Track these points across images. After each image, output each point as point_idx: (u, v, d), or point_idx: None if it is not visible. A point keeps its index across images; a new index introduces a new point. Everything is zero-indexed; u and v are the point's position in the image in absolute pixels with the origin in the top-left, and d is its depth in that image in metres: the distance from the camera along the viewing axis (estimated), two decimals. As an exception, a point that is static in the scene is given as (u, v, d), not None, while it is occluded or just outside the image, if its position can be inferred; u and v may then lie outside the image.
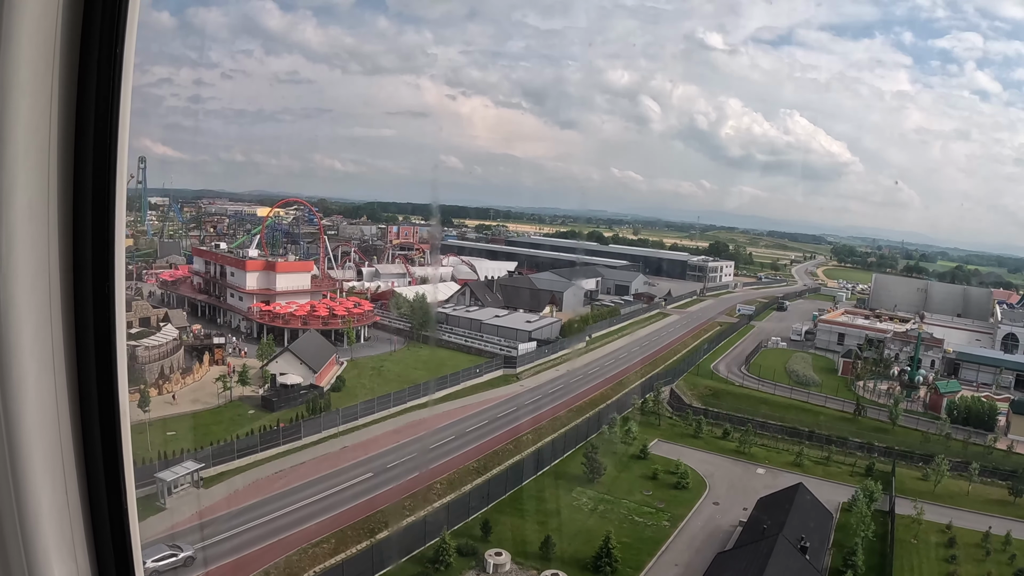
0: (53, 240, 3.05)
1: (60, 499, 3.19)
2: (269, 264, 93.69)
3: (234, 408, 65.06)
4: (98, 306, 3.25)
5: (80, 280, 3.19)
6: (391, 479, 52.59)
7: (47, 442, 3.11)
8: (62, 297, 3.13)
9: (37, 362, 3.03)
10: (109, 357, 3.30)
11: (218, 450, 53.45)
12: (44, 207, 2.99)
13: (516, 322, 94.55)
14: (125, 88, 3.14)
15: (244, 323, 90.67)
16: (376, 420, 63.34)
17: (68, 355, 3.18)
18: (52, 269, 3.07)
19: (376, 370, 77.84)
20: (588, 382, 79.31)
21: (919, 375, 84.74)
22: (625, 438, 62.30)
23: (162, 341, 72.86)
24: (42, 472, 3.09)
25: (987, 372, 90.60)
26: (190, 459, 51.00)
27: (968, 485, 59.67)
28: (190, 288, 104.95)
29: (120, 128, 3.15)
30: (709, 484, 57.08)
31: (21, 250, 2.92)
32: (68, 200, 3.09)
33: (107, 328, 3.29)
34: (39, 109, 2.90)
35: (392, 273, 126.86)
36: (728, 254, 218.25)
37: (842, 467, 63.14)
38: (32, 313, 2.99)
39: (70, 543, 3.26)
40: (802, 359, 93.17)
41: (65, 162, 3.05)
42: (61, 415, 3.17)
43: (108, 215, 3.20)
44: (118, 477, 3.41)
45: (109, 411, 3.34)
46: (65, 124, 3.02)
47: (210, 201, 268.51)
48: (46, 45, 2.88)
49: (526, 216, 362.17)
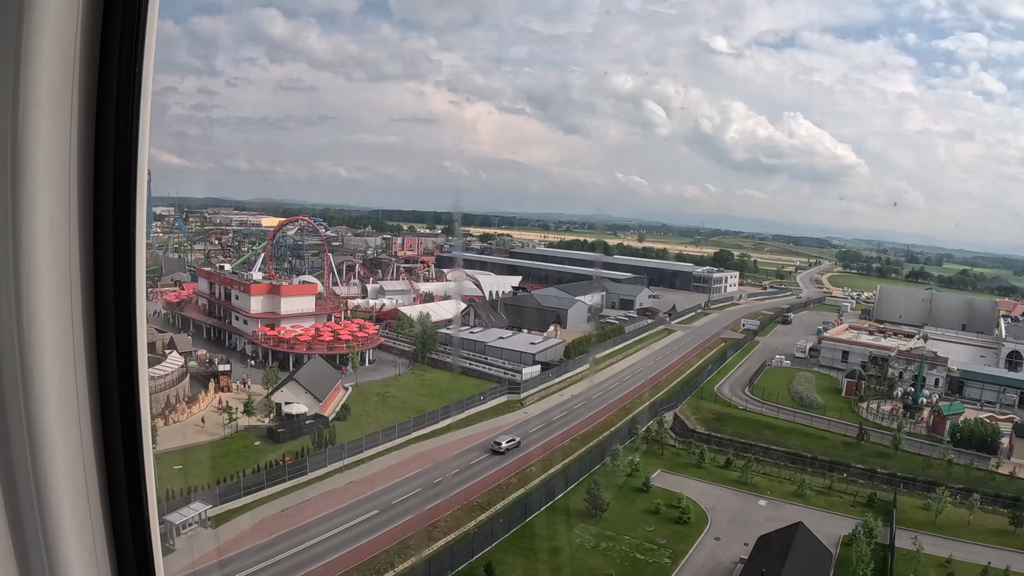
0: (74, 254, 3.13)
1: (81, 502, 3.28)
2: (274, 288, 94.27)
3: (240, 439, 65.51)
4: (120, 318, 3.34)
5: (101, 292, 3.27)
6: (396, 516, 52.98)
7: (69, 448, 3.19)
8: (83, 309, 3.21)
9: (59, 372, 3.10)
10: (130, 367, 3.39)
11: (225, 489, 53.97)
12: (65, 222, 3.06)
13: (520, 344, 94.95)
14: (144, 103, 3.23)
15: (249, 347, 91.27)
16: (381, 452, 63.80)
17: (90, 365, 3.27)
18: (74, 282, 3.14)
19: (381, 396, 78.33)
20: (592, 408, 79.59)
21: (922, 396, 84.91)
22: (628, 469, 62.73)
23: (168, 370, 73.20)
24: (64, 476, 3.16)
25: (991, 390, 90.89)
26: (198, 499, 51.52)
27: (969, 515, 59.90)
28: (195, 309, 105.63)
29: (140, 142, 3.24)
30: (711, 518, 57.47)
31: (43, 264, 2.99)
32: (89, 214, 3.17)
33: (129, 340, 3.37)
34: (59, 125, 2.96)
35: (396, 290, 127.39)
36: (733, 263, 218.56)
37: (844, 497, 63.45)
38: (55, 324, 3.07)
39: (91, 547, 3.33)
40: (806, 379, 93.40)
41: (85, 177, 3.13)
42: (83, 422, 3.26)
43: (129, 228, 3.28)
44: (139, 481, 3.50)
45: (131, 419, 3.43)
46: (85, 139, 3.09)
47: (215, 211, 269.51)
48: (65, 62, 2.94)
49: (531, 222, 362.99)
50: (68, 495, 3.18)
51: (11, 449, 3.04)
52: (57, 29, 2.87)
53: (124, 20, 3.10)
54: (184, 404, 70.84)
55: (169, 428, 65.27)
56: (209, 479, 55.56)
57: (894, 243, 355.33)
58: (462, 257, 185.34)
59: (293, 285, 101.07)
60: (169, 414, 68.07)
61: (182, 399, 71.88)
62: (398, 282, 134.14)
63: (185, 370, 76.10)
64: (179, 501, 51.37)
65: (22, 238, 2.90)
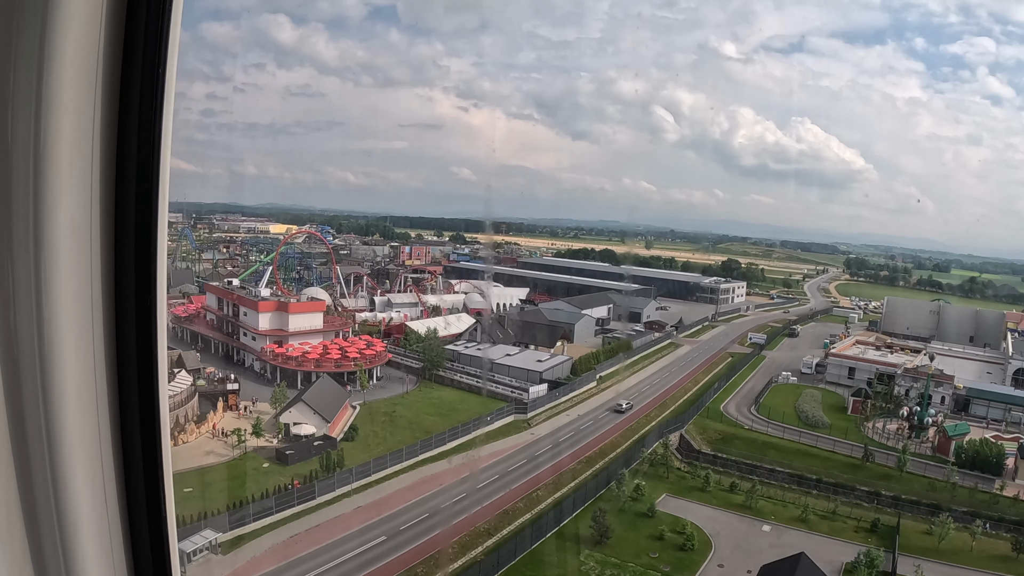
0: (95, 254, 3.15)
1: (99, 503, 3.30)
2: (282, 305, 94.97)
3: (249, 460, 66.11)
4: (140, 318, 3.37)
5: (122, 293, 3.30)
6: (404, 543, 53.58)
7: (88, 448, 3.21)
8: (104, 309, 3.23)
9: (79, 372, 3.14)
10: (150, 368, 3.43)
11: (234, 515, 54.56)
12: (87, 222, 3.09)
13: (527, 361, 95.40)
14: (168, 105, 3.25)
15: (258, 363, 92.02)
16: (389, 475, 64.42)
17: (109, 365, 3.30)
18: (95, 282, 3.16)
19: (388, 416, 78.89)
20: (598, 428, 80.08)
21: (928, 416, 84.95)
22: (633, 494, 63.18)
23: (178, 390, 73.73)
24: (82, 477, 3.19)
25: (997, 408, 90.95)
26: (208, 527, 52.08)
27: (972, 541, 60.07)
28: (204, 324, 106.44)
29: (163, 143, 3.26)
30: (715, 544, 57.85)
31: (64, 264, 3.01)
32: (111, 215, 3.19)
33: (149, 340, 3.41)
34: (82, 126, 2.99)
35: (404, 303, 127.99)
36: (740, 272, 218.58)
37: (847, 522, 63.65)
38: (75, 324, 3.10)
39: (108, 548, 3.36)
40: (811, 397, 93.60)
41: (108, 178, 3.15)
42: (102, 423, 3.28)
43: (151, 229, 3.30)
44: (157, 482, 3.53)
45: (150, 420, 3.47)
46: (107, 140, 3.11)
47: (223, 217, 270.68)
48: (89, 63, 2.96)
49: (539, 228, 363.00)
50: (86, 495, 3.23)
51: (29, 449, 3.08)
52: (81, 29, 2.91)
53: (148, 21, 3.14)
54: (193, 424, 71.56)
55: (178, 449, 66.00)
56: (219, 503, 56.20)
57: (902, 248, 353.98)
58: (469, 267, 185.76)
59: (301, 302, 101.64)
60: (178, 434, 68.85)
61: (191, 419, 72.58)
62: (406, 295, 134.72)
63: (194, 389, 76.69)
64: (191, 528, 52.05)
65: (44, 238, 2.94)
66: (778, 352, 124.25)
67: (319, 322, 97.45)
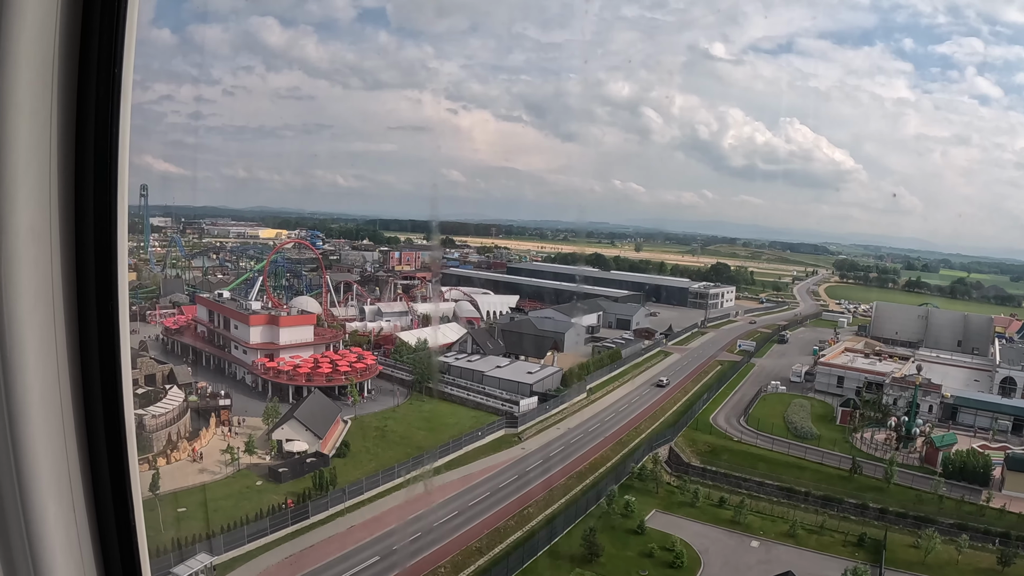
0: (56, 259, 3.12)
1: (66, 505, 3.29)
2: (272, 318, 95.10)
3: (242, 479, 66.26)
4: (102, 322, 3.34)
5: (84, 297, 3.27)
6: (396, 563, 53.96)
7: (53, 452, 3.19)
8: (66, 314, 3.21)
9: (42, 377, 3.11)
10: (114, 371, 3.41)
11: (229, 536, 54.73)
12: (46, 226, 3.05)
13: (517, 373, 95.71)
14: (124, 106, 3.21)
15: (249, 376, 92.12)
16: (381, 493, 64.73)
17: (73, 370, 3.27)
18: (56, 287, 3.14)
19: (379, 431, 79.11)
20: (588, 442, 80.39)
21: (915, 426, 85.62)
22: (623, 510, 63.68)
23: (169, 407, 73.57)
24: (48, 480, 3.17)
25: (985, 416, 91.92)
26: (203, 550, 52.22)
27: (958, 555, 60.73)
28: (194, 336, 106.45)
29: (120, 144, 3.21)
30: (704, 560, 58.30)
31: (24, 269, 2.98)
32: (70, 218, 3.15)
33: (112, 344, 3.38)
34: (39, 128, 2.94)
35: (394, 312, 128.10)
36: (729, 275, 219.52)
37: (835, 536, 64.21)
38: (37, 329, 3.07)
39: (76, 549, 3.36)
40: (800, 407, 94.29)
41: (66, 181, 3.11)
42: (67, 427, 3.26)
43: (111, 232, 3.27)
44: (124, 483, 3.52)
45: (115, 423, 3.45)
46: (65, 142, 3.07)
47: (212, 221, 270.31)
48: (44, 65, 2.92)
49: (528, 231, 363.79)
50: (52, 498, 3.21)
51: None
52: (36, 31, 2.88)
53: (103, 21, 3.11)
54: (185, 441, 71.62)
55: (170, 467, 66.11)
56: (213, 524, 56.36)
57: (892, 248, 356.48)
58: (459, 274, 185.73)
59: (292, 316, 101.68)
60: (171, 452, 68.89)
61: (183, 436, 72.65)
62: (396, 303, 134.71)
63: (186, 405, 76.72)
64: (185, 552, 52.19)
65: (1, 244, 2.90)
66: (768, 359, 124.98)
67: (310, 335, 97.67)
